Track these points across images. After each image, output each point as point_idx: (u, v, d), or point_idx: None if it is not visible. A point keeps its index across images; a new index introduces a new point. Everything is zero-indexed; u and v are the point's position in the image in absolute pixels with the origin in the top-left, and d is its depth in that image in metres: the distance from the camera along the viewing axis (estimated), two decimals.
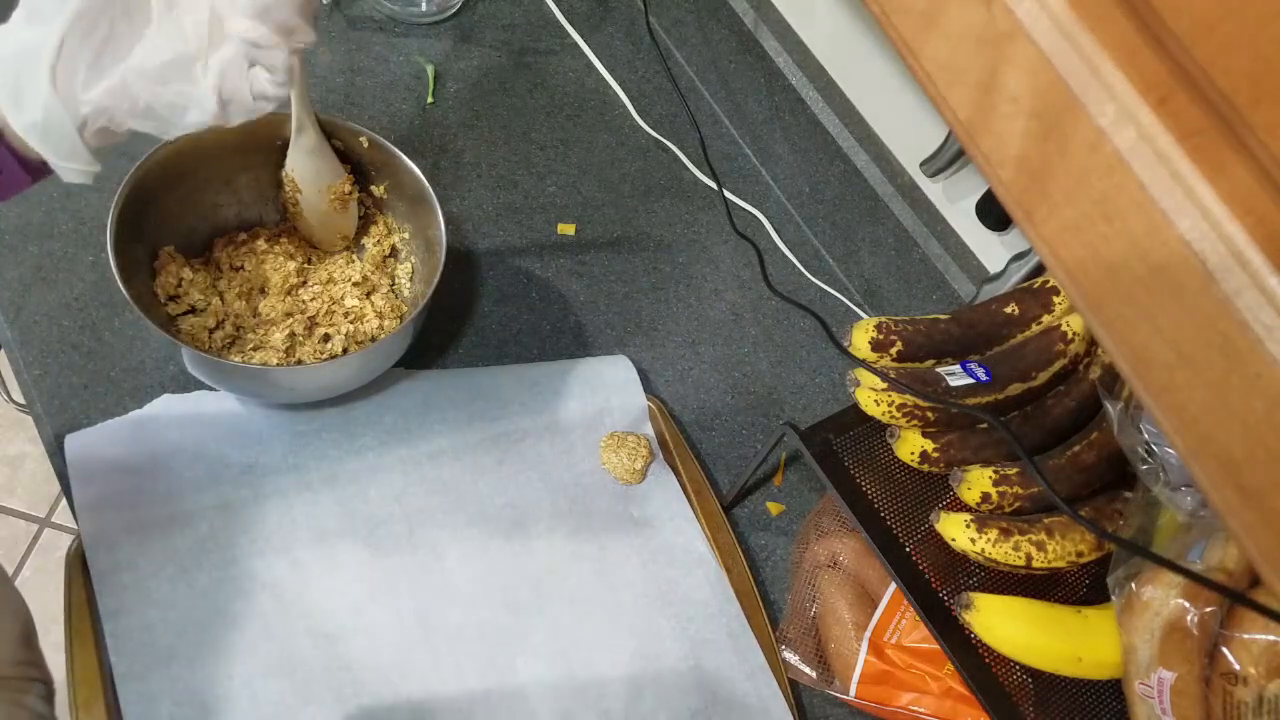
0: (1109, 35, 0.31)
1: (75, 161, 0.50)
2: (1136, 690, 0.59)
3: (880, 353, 0.69)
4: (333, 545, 0.73)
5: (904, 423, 0.69)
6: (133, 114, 0.50)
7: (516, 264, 0.93)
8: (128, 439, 0.73)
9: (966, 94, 0.35)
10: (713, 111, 1.08)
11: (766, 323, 0.96)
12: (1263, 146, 0.27)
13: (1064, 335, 0.70)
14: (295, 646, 0.69)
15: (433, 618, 0.73)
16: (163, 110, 0.50)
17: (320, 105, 0.77)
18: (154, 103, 0.50)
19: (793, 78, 0.95)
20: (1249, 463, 0.31)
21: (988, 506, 0.67)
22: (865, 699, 0.73)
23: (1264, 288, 0.29)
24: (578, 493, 0.80)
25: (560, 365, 0.86)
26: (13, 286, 0.80)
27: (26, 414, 0.79)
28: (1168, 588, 0.58)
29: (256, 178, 0.81)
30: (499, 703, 0.71)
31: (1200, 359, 0.31)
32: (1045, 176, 0.33)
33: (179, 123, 0.51)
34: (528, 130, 1.00)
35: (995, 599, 0.65)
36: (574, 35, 1.06)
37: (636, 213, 0.99)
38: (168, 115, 0.51)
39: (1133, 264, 0.32)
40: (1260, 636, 0.55)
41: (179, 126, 0.52)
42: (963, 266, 0.88)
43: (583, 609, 0.76)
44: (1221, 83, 0.28)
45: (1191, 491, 0.58)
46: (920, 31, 0.36)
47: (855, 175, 0.94)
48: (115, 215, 0.70)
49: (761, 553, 0.84)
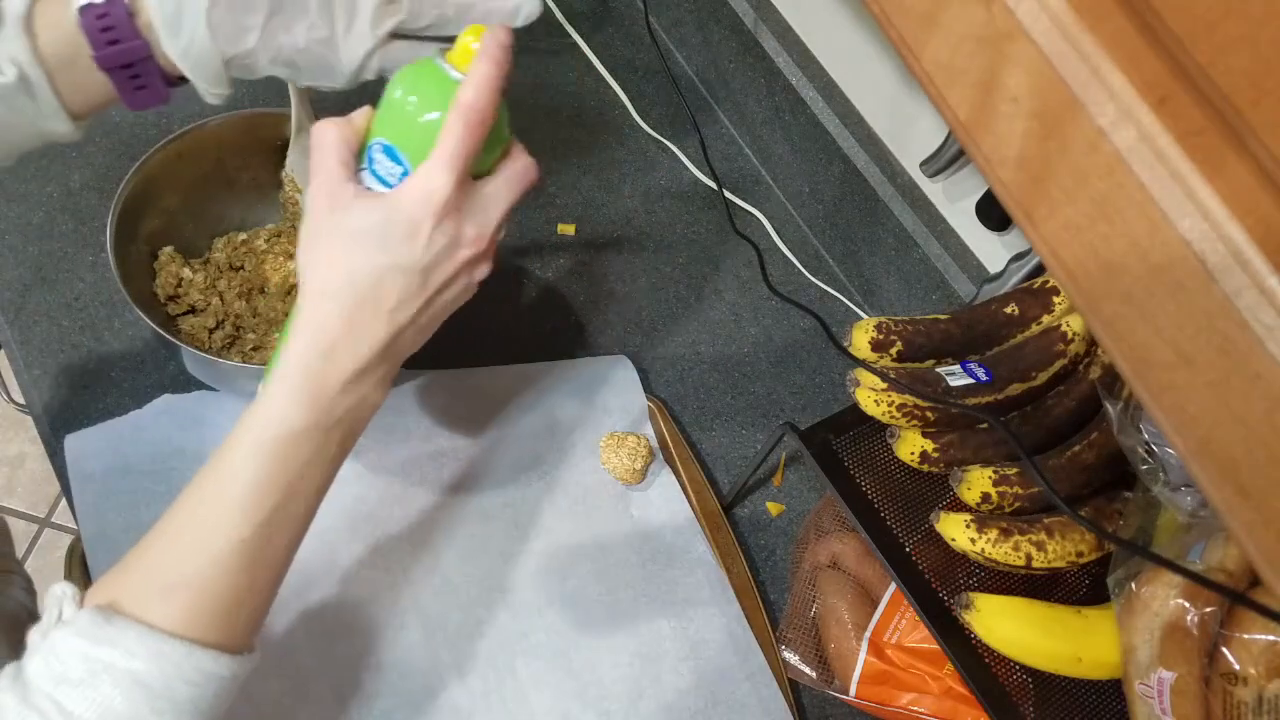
0: (1109, 35, 0.31)
1: (216, 87, 0.56)
2: (1136, 690, 0.59)
3: (880, 353, 0.69)
4: (332, 545, 0.73)
5: (904, 423, 0.69)
6: (274, 64, 0.55)
7: (516, 264, 0.93)
8: (128, 439, 0.73)
9: (966, 94, 0.35)
10: (713, 111, 1.08)
11: (766, 323, 0.96)
12: (1263, 146, 0.27)
13: (1064, 335, 0.70)
14: (294, 646, 0.69)
15: (433, 618, 0.73)
16: (304, 65, 0.56)
17: (320, 106, 0.77)
18: (296, 59, 0.56)
19: (793, 78, 0.95)
20: (1249, 463, 0.31)
21: (988, 506, 0.67)
22: (865, 699, 0.73)
23: (1264, 288, 0.29)
24: (578, 493, 0.80)
25: (560, 365, 0.86)
26: (13, 286, 0.80)
27: (26, 414, 0.79)
28: (1168, 588, 0.58)
29: (256, 178, 0.80)
30: (499, 703, 0.71)
31: (1200, 359, 0.31)
32: (1045, 176, 0.33)
33: (313, 81, 0.58)
34: (528, 130, 1.00)
35: (995, 599, 0.65)
36: (574, 35, 1.06)
37: (636, 213, 0.99)
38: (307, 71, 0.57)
39: (1133, 264, 0.32)
40: (1260, 636, 0.55)
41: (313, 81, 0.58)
42: (963, 266, 0.88)
43: (583, 609, 0.76)
44: (1221, 83, 0.28)
45: (1191, 491, 0.58)
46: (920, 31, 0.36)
47: (855, 175, 0.94)
48: (115, 215, 0.70)
49: (761, 553, 0.84)
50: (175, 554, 0.49)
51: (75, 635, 0.46)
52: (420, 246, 0.50)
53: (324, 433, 0.51)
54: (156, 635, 0.47)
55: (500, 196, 0.53)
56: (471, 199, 0.52)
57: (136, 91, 0.56)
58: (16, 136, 0.57)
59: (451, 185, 0.50)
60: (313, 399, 0.50)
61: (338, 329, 0.50)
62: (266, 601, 0.52)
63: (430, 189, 0.50)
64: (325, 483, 0.52)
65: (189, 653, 0.47)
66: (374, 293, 0.50)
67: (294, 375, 0.50)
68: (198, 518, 0.49)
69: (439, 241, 0.51)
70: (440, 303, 0.53)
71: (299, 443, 0.50)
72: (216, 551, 0.48)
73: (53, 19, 0.53)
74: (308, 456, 0.50)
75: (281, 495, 0.50)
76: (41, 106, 0.55)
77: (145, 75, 0.55)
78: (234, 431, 0.50)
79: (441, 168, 0.50)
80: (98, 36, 0.53)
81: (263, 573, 0.51)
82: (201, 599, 0.48)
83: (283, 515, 0.50)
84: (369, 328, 0.51)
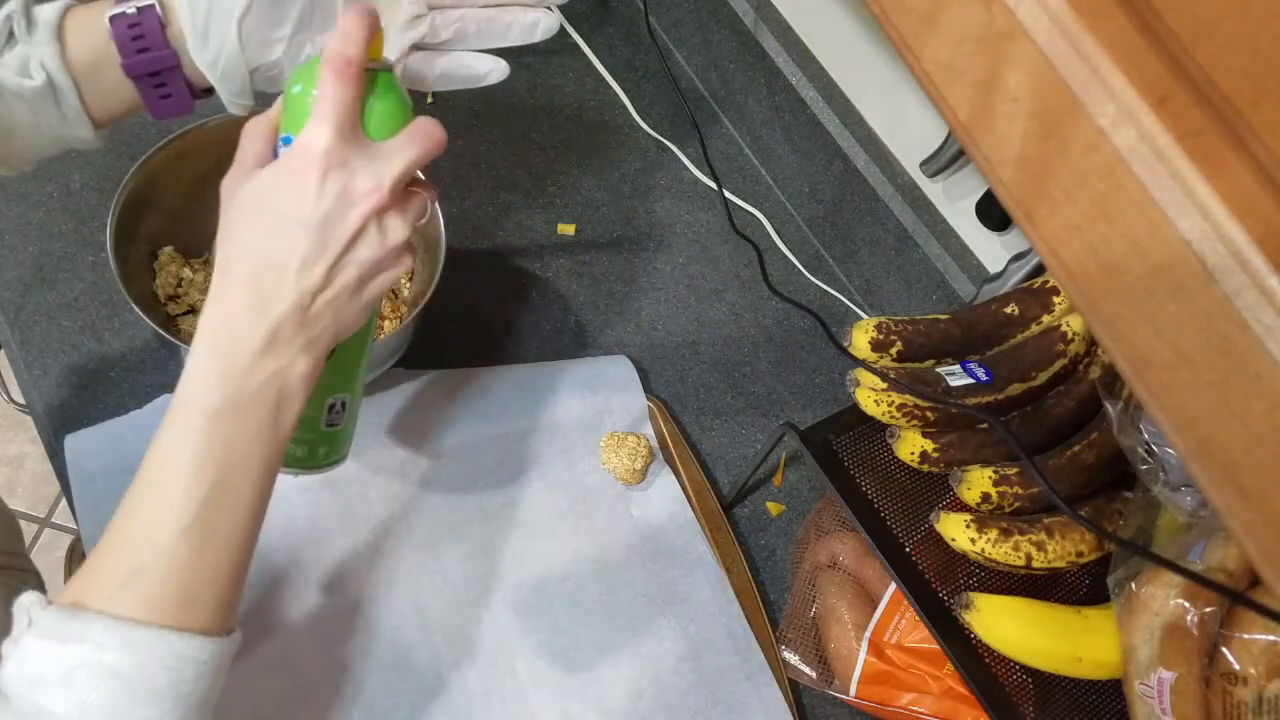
0: (1109, 35, 0.31)
1: (241, 97, 0.57)
2: (1136, 690, 0.59)
3: (880, 353, 0.69)
4: (332, 545, 0.73)
5: (904, 423, 0.69)
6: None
7: (516, 264, 0.93)
8: (128, 439, 0.73)
9: (966, 94, 0.35)
10: (713, 111, 1.08)
11: (766, 323, 0.96)
12: (1263, 146, 0.27)
13: (1064, 335, 0.70)
14: (295, 646, 0.69)
15: (433, 618, 0.73)
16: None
17: None
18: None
19: (793, 78, 0.95)
20: (1249, 463, 0.31)
21: (988, 506, 0.67)
22: (865, 699, 0.73)
23: (1264, 288, 0.29)
24: (578, 493, 0.80)
25: (560, 365, 0.86)
26: (13, 286, 0.80)
27: (26, 414, 0.79)
28: (1168, 588, 0.58)
29: None
30: (499, 703, 0.71)
31: (1200, 359, 0.31)
32: (1045, 176, 0.33)
33: None
34: (528, 130, 1.00)
35: (995, 599, 0.65)
36: (574, 35, 1.06)
37: (636, 213, 0.99)
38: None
39: (1133, 264, 0.32)
40: (1260, 636, 0.55)
41: None
42: (963, 266, 0.88)
43: (583, 609, 0.76)
44: (1221, 83, 0.28)
45: (1191, 491, 0.58)
46: (920, 31, 0.36)
47: (855, 175, 0.94)
48: (115, 215, 0.70)
49: (761, 553, 0.84)
50: (130, 544, 0.48)
51: (44, 637, 0.46)
52: (309, 200, 0.49)
53: (245, 406, 0.49)
54: (123, 625, 0.46)
55: (398, 151, 0.51)
56: (362, 151, 0.50)
57: (161, 100, 0.57)
58: (39, 141, 0.57)
59: (329, 135, 0.48)
60: (223, 375, 0.49)
61: (239, 301, 0.49)
62: (232, 581, 0.51)
63: (308, 142, 0.49)
64: (266, 456, 0.50)
65: (159, 638, 0.47)
66: (269, 257, 0.49)
67: (202, 353, 0.49)
68: (145, 506, 0.49)
69: (329, 192, 0.49)
70: (352, 262, 0.50)
71: (221, 420, 0.49)
72: (164, 537, 0.48)
73: (83, 26, 0.54)
74: (233, 433, 0.49)
75: (217, 473, 0.48)
76: (66, 112, 0.55)
77: (171, 84, 0.56)
78: (165, 414, 0.50)
79: (317, 121, 0.49)
80: (128, 45, 0.54)
81: (217, 553, 0.49)
82: (160, 585, 0.47)
83: (223, 494, 0.49)
84: (272, 294, 0.49)
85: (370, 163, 0.50)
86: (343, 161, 0.49)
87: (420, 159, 0.52)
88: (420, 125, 0.52)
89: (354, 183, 0.49)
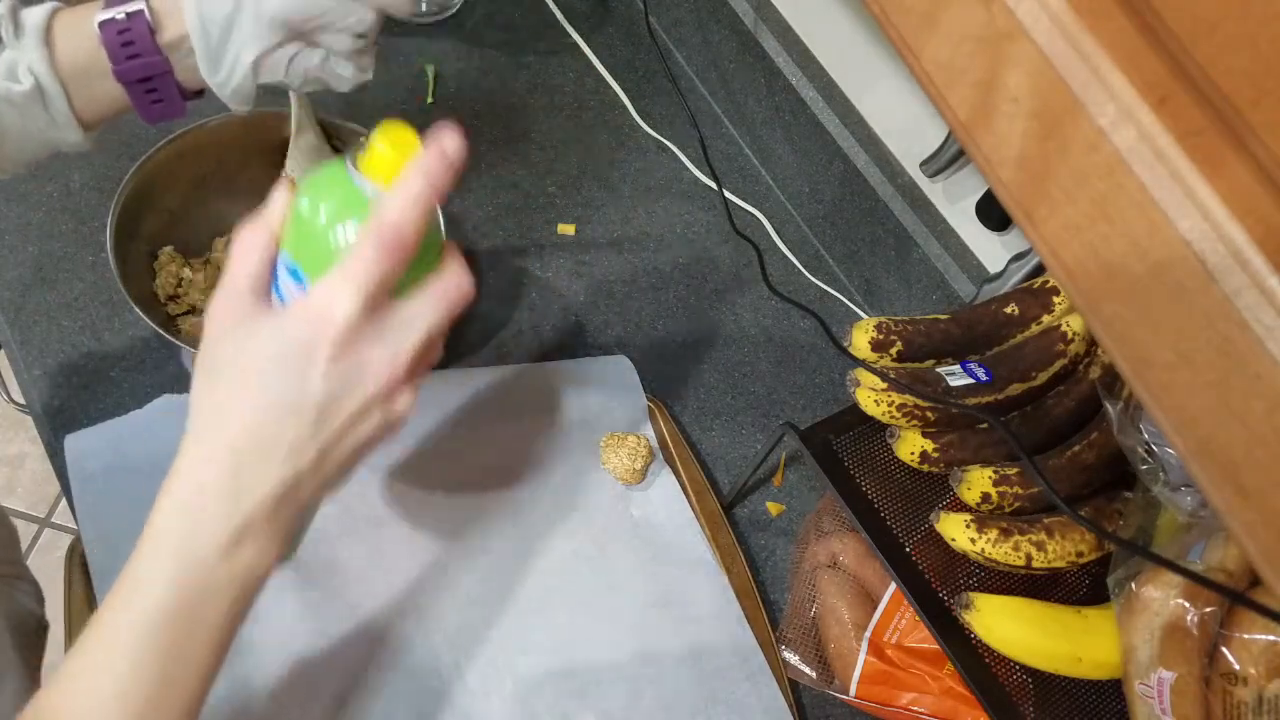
0: (1109, 35, 0.31)
1: (244, 105, 0.58)
2: (1136, 690, 0.59)
3: (880, 353, 0.69)
4: (332, 545, 0.73)
5: (904, 423, 0.69)
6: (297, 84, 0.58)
7: (516, 264, 0.93)
8: (128, 439, 0.73)
9: (966, 94, 0.35)
10: (713, 111, 1.08)
11: (766, 323, 0.96)
12: (1263, 146, 0.27)
13: (1064, 335, 0.70)
14: (294, 646, 0.69)
15: (433, 618, 0.73)
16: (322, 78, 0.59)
17: (320, 105, 0.77)
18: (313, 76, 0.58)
19: (793, 78, 0.95)
20: (1249, 463, 0.31)
21: (988, 506, 0.67)
22: (865, 699, 0.73)
23: (1264, 288, 0.29)
24: (578, 493, 0.80)
25: (560, 365, 0.86)
26: (13, 286, 0.80)
27: (26, 414, 0.79)
28: (1168, 588, 0.58)
29: (256, 178, 0.80)
30: (499, 703, 0.71)
31: (1200, 359, 0.31)
32: (1045, 176, 0.33)
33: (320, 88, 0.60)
34: (528, 130, 1.00)
35: (995, 599, 0.65)
36: (574, 35, 1.06)
37: (636, 213, 0.99)
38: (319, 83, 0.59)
39: (1132, 264, 0.32)
40: (1260, 636, 0.55)
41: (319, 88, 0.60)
42: (963, 266, 0.88)
43: (583, 609, 0.76)
44: (1221, 83, 0.28)
45: (1191, 491, 0.58)
46: (920, 31, 0.36)
47: (855, 175, 0.94)
48: (115, 215, 0.70)
49: (761, 553, 0.84)
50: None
51: None
52: (315, 380, 0.43)
53: (196, 611, 0.43)
54: None
55: (420, 318, 0.45)
56: (382, 323, 0.44)
57: (153, 105, 0.57)
58: (28, 145, 0.57)
59: (354, 307, 0.42)
60: (182, 572, 0.43)
61: (211, 480, 0.43)
62: None
63: (328, 309, 0.42)
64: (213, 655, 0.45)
65: None
66: (257, 441, 0.43)
67: (162, 543, 0.43)
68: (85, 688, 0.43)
69: (337, 374, 0.43)
70: (346, 446, 0.45)
71: (172, 624, 0.43)
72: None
73: (71, 30, 0.54)
74: (180, 638, 0.43)
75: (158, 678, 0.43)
76: (55, 116, 0.55)
77: (163, 89, 0.56)
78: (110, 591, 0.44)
79: (344, 288, 0.42)
80: (118, 51, 0.53)
81: None
82: None
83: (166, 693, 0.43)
84: (251, 482, 0.43)
85: (388, 337, 0.44)
86: (359, 335, 0.43)
87: (444, 322, 0.46)
88: (449, 280, 0.46)
89: (367, 361, 0.43)
